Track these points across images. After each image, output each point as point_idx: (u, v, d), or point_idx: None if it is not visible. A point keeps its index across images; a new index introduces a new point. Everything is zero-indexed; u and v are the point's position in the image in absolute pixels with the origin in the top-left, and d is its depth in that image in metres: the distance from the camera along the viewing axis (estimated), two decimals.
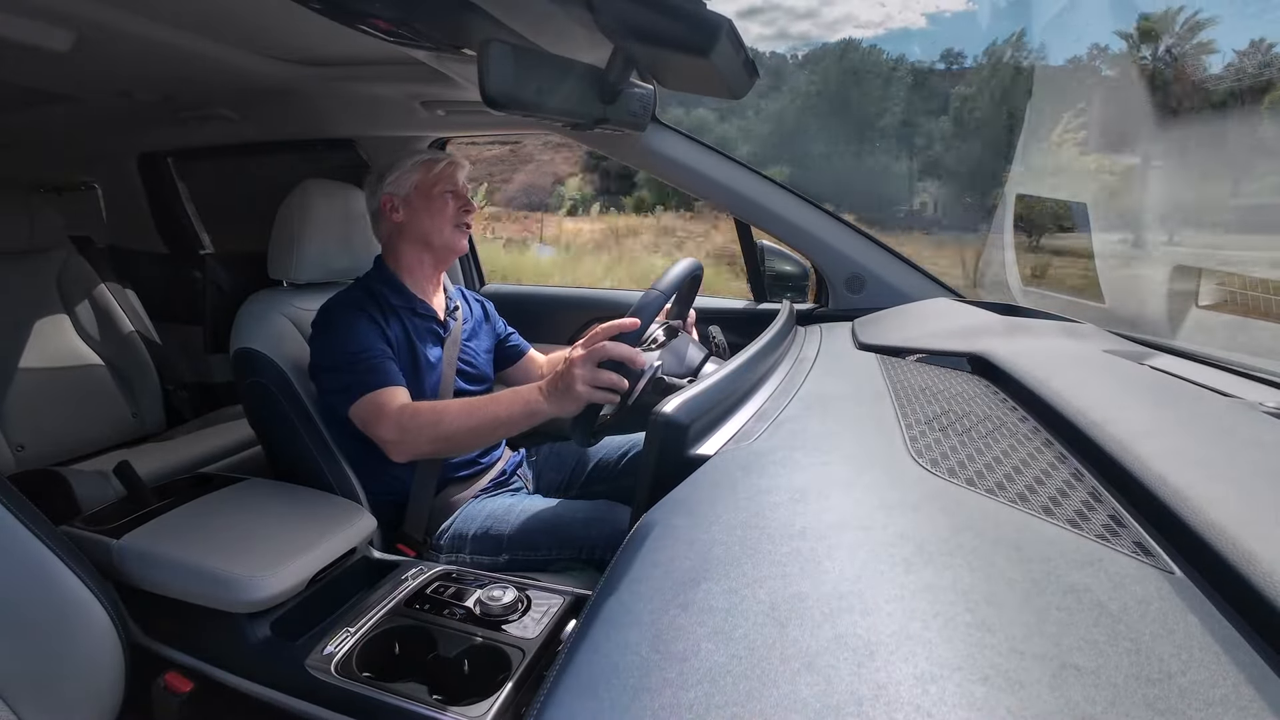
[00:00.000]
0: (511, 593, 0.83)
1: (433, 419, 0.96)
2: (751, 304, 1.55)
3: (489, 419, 0.94)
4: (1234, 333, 0.94)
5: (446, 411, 0.97)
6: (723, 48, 0.60)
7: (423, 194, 1.17)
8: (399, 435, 0.97)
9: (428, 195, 1.17)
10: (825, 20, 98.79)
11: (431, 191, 1.17)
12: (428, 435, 0.96)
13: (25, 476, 1.32)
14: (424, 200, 1.17)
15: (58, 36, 0.96)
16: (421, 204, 1.17)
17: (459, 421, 0.95)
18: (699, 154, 1.37)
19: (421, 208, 1.17)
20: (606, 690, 0.32)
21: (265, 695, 0.80)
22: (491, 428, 0.95)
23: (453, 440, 0.97)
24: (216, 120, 1.56)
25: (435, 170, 1.17)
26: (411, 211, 1.17)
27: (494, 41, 0.62)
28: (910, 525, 0.42)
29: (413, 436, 0.97)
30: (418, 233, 1.17)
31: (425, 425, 0.96)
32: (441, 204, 1.17)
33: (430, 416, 0.97)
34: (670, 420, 0.60)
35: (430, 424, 0.96)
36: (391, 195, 1.17)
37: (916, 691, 0.28)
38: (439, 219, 1.17)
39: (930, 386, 0.77)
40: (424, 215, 1.17)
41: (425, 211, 1.17)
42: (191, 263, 2.04)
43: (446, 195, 1.17)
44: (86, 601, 0.69)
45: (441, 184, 1.17)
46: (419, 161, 1.18)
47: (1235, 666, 0.31)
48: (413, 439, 0.97)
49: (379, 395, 0.99)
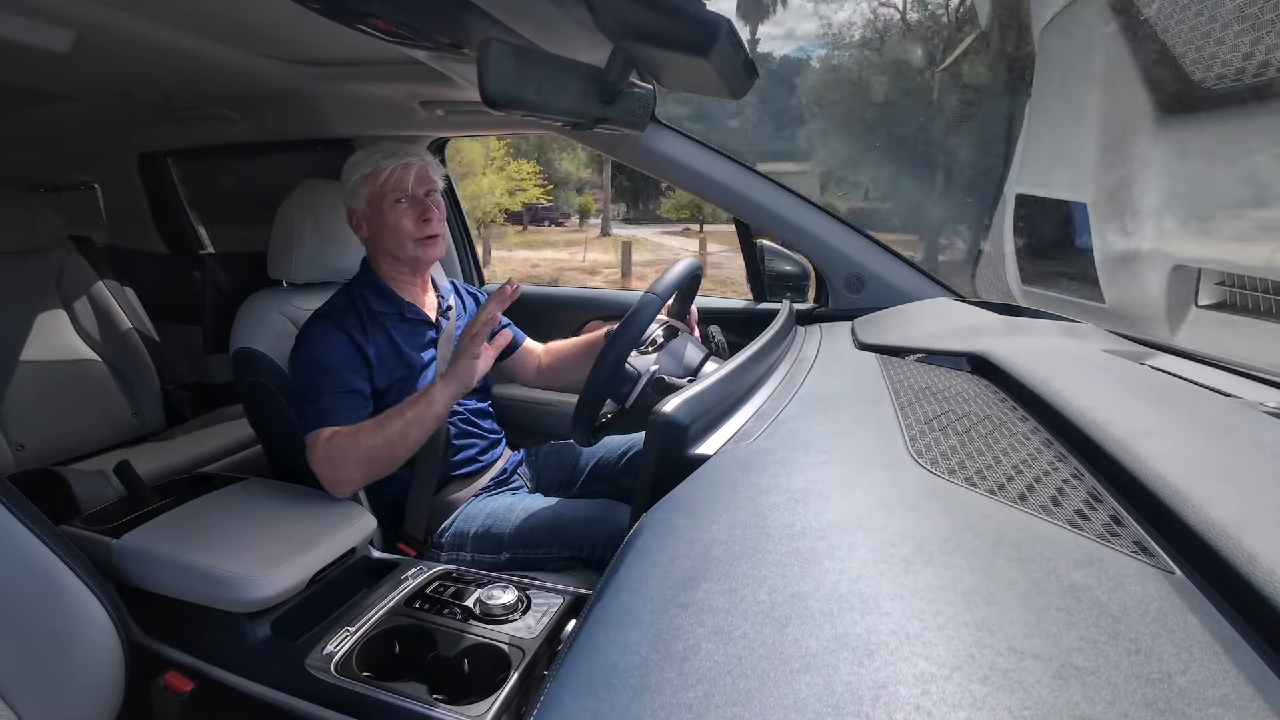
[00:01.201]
0: (511, 592, 0.83)
1: (351, 444, 0.96)
2: (751, 304, 1.55)
3: (397, 422, 0.95)
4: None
5: (360, 430, 0.97)
6: (722, 48, 0.60)
7: (375, 208, 1.10)
8: (330, 469, 0.97)
9: (380, 209, 1.09)
10: (834, 23, 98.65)
11: (382, 205, 1.09)
12: (351, 460, 0.96)
13: (25, 476, 1.32)
14: (378, 215, 1.10)
15: (57, 37, 0.96)
16: (377, 219, 1.10)
17: (371, 437, 0.96)
18: (699, 154, 1.37)
19: (379, 223, 1.10)
20: (606, 690, 0.32)
21: (265, 695, 0.80)
22: (403, 430, 0.95)
23: (375, 457, 0.96)
24: (216, 120, 1.56)
25: (381, 180, 1.08)
26: (371, 226, 1.11)
27: (493, 41, 0.62)
28: (910, 525, 0.42)
29: (340, 467, 0.96)
30: (383, 248, 1.12)
31: (347, 451, 0.96)
32: (395, 218, 1.09)
33: (348, 442, 0.96)
34: (670, 420, 0.60)
35: (350, 448, 0.96)
36: (353, 209, 1.12)
37: (916, 691, 0.28)
38: (397, 233, 1.09)
39: (930, 386, 0.77)
40: (382, 231, 1.10)
41: (383, 228, 1.10)
42: (191, 263, 2.04)
43: (400, 206, 1.09)
44: (86, 601, 0.69)
45: (392, 194, 1.08)
46: (363, 174, 1.09)
47: (1235, 666, 0.31)
48: (341, 469, 0.96)
49: (311, 436, 0.99)
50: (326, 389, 1.01)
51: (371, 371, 1.07)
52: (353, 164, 1.12)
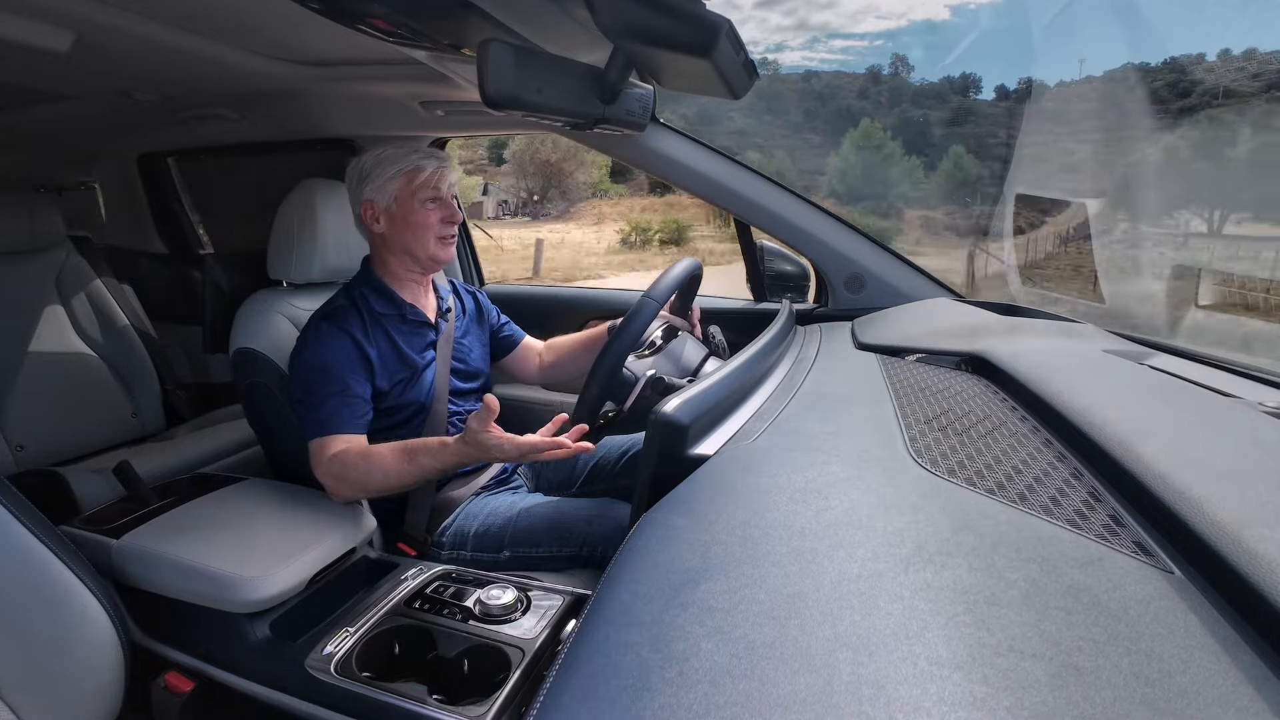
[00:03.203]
0: (511, 593, 0.83)
1: (358, 469, 0.96)
2: (751, 304, 1.55)
3: (406, 464, 0.95)
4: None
5: (370, 456, 0.97)
6: (723, 48, 0.60)
7: (404, 205, 1.10)
8: (334, 483, 0.98)
9: (409, 206, 1.10)
10: (847, 10, 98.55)
11: (413, 203, 1.10)
12: (356, 485, 0.97)
13: (25, 476, 1.32)
14: (405, 211, 1.10)
15: (57, 36, 0.96)
16: (403, 215, 1.10)
17: (381, 468, 0.96)
18: (699, 154, 1.37)
19: (403, 219, 1.11)
20: (606, 690, 0.32)
21: (265, 695, 0.80)
22: (413, 473, 0.96)
23: (380, 486, 0.97)
24: (216, 120, 1.56)
25: (419, 179, 1.10)
26: (393, 222, 1.12)
27: (493, 41, 0.62)
28: (910, 525, 0.42)
29: (343, 482, 0.97)
30: (400, 245, 1.12)
31: (350, 474, 0.97)
32: (424, 216, 1.10)
33: (356, 464, 0.97)
34: (670, 420, 0.60)
35: (356, 475, 0.96)
36: (372, 202, 1.12)
37: (916, 691, 0.28)
38: (421, 233, 1.10)
39: (930, 386, 0.77)
40: (405, 228, 1.11)
41: (406, 224, 1.10)
42: (191, 263, 2.04)
43: (429, 205, 1.10)
44: (86, 601, 0.69)
45: (424, 193, 1.10)
46: (402, 170, 1.10)
47: (1235, 666, 0.31)
48: (344, 485, 0.98)
49: (315, 443, 0.99)
50: (329, 393, 1.01)
51: (373, 373, 1.06)
52: (384, 159, 1.11)
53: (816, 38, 55.85)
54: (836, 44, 76.40)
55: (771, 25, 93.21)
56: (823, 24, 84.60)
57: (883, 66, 46.90)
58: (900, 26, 79.31)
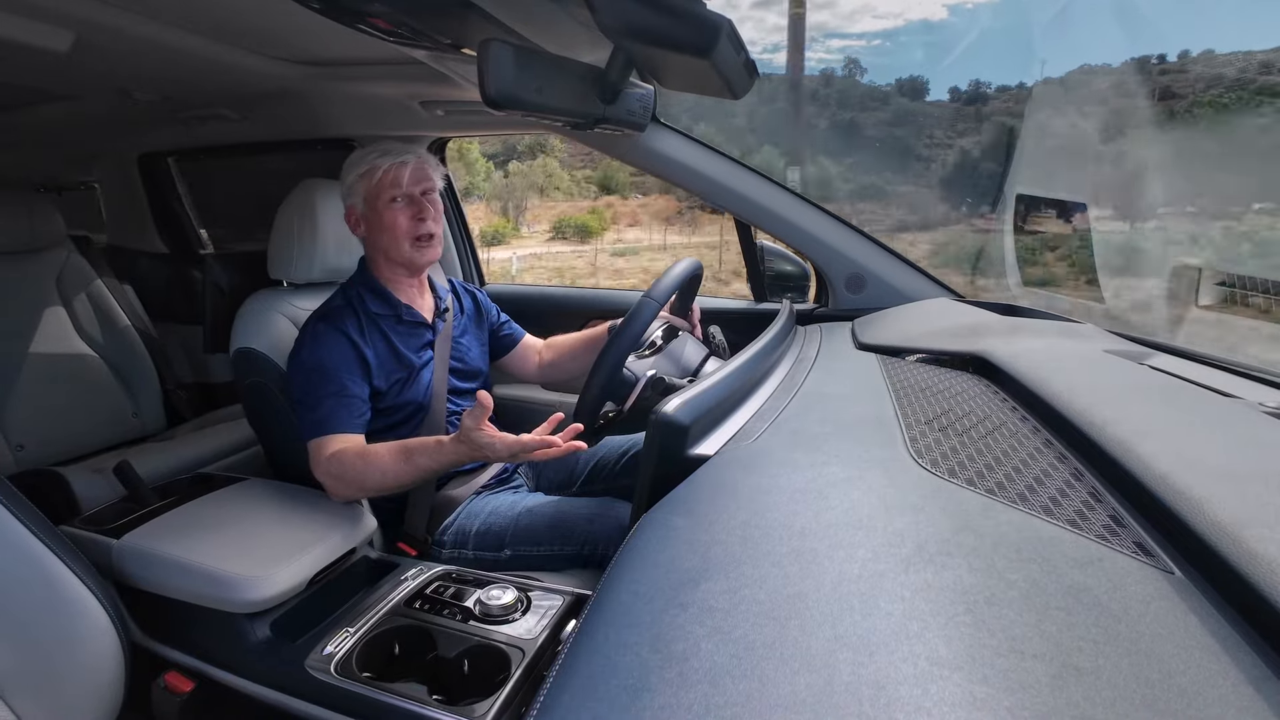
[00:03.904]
0: (511, 593, 0.83)
1: (356, 468, 0.96)
2: (751, 304, 1.55)
3: (403, 464, 0.95)
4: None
5: (367, 456, 0.97)
6: (723, 48, 0.60)
7: (372, 207, 1.08)
8: (332, 483, 0.98)
9: (376, 208, 1.07)
10: (843, 10, 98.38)
11: (378, 204, 1.07)
12: (354, 485, 0.97)
13: (25, 476, 1.32)
14: (374, 214, 1.08)
15: (57, 36, 0.96)
16: (374, 218, 1.08)
17: (379, 467, 0.96)
18: (699, 154, 1.37)
19: (375, 222, 1.08)
20: (606, 690, 0.32)
21: (265, 695, 0.80)
22: (410, 472, 0.95)
23: (378, 486, 0.97)
24: (216, 120, 1.56)
25: (376, 178, 1.06)
26: (368, 225, 1.10)
27: (494, 41, 0.62)
28: (910, 525, 0.42)
29: (342, 482, 0.97)
30: (378, 248, 1.11)
31: (349, 474, 0.96)
32: (391, 217, 1.07)
33: (355, 463, 0.96)
34: (670, 420, 0.60)
35: (354, 475, 0.96)
36: (352, 206, 1.12)
37: (916, 691, 0.28)
38: (392, 234, 1.07)
39: (930, 386, 0.77)
40: (379, 231, 1.08)
41: (379, 227, 1.08)
42: (191, 263, 2.04)
43: (395, 205, 1.07)
44: (86, 601, 0.69)
45: (387, 192, 1.06)
46: (360, 172, 1.07)
47: (1235, 666, 0.31)
48: (344, 487, 0.97)
49: (313, 444, 0.99)
50: (326, 393, 1.01)
51: (370, 373, 1.06)
52: (351, 162, 1.11)
53: (814, 37, 55.98)
54: (834, 44, 76.17)
55: (769, 25, 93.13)
56: (819, 24, 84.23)
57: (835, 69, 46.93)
58: (897, 26, 79.09)
